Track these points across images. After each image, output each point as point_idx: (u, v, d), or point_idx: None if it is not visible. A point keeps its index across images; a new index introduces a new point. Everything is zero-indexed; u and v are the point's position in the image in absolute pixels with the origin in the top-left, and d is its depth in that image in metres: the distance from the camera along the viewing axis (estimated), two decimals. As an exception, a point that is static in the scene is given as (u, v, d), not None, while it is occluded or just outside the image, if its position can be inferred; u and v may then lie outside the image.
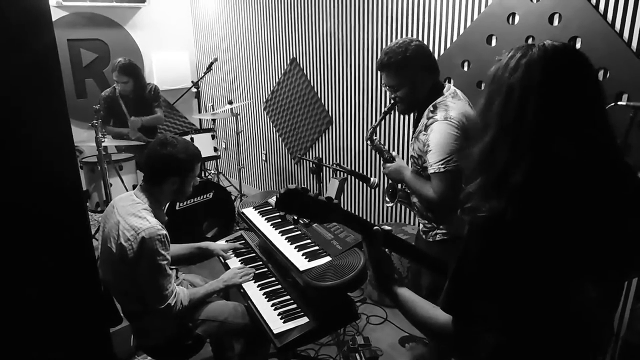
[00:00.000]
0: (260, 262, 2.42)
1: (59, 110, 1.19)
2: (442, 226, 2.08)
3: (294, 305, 2.04)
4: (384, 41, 3.51)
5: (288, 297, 2.11)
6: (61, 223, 1.28)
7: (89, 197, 3.90)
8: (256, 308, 2.06)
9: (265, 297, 2.12)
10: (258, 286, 2.21)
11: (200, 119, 5.53)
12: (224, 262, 2.49)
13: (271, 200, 2.60)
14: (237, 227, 4.29)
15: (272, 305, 2.05)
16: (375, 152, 3.75)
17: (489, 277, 0.96)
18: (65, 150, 1.26)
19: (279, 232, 2.27)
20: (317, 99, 4.32)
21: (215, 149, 4.57)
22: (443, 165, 1.86)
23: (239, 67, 5.44)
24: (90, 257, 1.39)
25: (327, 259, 1.97)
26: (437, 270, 1.30)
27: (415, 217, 2.63)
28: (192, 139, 4.26)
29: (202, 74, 5.07)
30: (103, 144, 3.51)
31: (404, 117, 3.47)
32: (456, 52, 3.01)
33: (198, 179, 2.26)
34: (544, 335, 1.01)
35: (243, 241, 2.66)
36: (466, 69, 2.99)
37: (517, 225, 0.91)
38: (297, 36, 4.38)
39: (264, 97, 5.09)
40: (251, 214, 2.55)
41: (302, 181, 4.80)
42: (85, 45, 5.38)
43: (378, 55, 3.57)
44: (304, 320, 1.93)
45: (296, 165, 4.87)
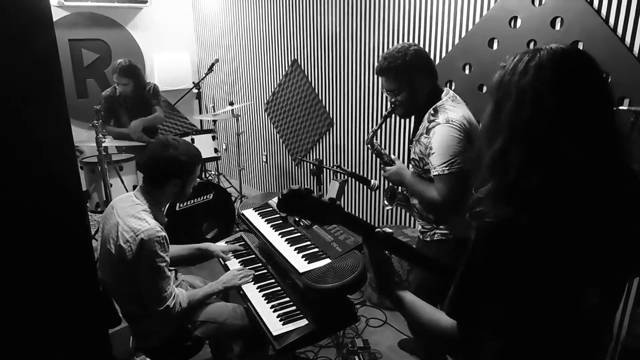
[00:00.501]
0: (260, 264, 2.42)
1: (59, 110, 1.19)
2: (442, 227, 2.09)
3: (293, 307, 2.03)
4: (385, 43, 3.51)
5: (287, 299, 2.10)
6: (61, 223, 1.28)
7: (89, 198, 3.90)
8: (255, 310, 2.05)
9: (265, 299, 2.12)
10: (257, 288, 2.21)
11: (201, 120, 5.53)
12: (223, 263, 2.48)
13: (271, 202, 2.60)
14: (237, 229, 4.28)
15: (271, 307, 2.05)
16: (375, 156, 3.76)
17: (495, 282, 0.96)
18: (65, 150, 1.26)
19: (279, 234, 2.27)
20: (318, 100, 4.32)
21: (216, 150, 4.57)
22: (447, 168, 1.88)
23: (240, 68, 5.44)
24: (89, 258, 1.39)
25: (327, 261, 1.97)
26: (438, 273, 1.29)
27: (414, 220, 2.64)
28: (192, 139, 4.26)
29: (204, 74, 5.07)
30: (103, 144, 3.51)
31: (403, 121, 3.47)
32: (458, 55, 3.01)
33: (198, 180, 2.26)
34: (549, 339, 1.01)
35: (243, 242, 2.65)
36: (467, 72, 2.99)
37: (526, 231, 0.91)
38: (298, 37, 4.38)
39: (265, 98, 5.09)
40: (251, 215, 2.54)
41: (303, 183, 4.79)
42: (86, 46, 5.38)
43: (379, 58, 3.58)
44: (303, 322, 1.93)
45: (296, 167, 4.87)
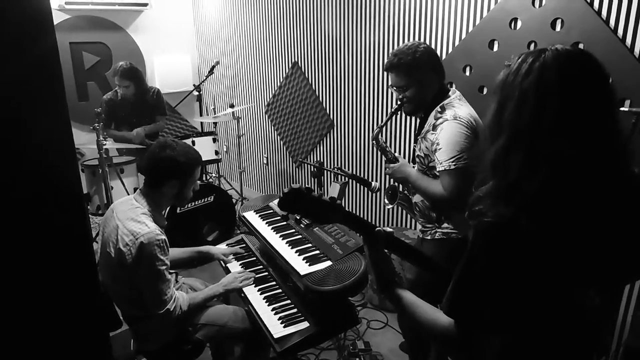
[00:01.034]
0: (261, 266, 2.41)
1: (60, 113, 1.19)
2: (445, 225, 2.10)
3: (295, 310, 2.03)
4: (386, 45, 3.51)
5: (288, 301, 2.10)
6: (61, 226, 1.27)
7: (90, 200, 3.90)
8: (256, 312, 2.05)
9: (266, 301, 2.11)
10: (258, 290, 2.20)
11: (201, 122, 5.54)
12: (224, 266, 2.48)
13: (272, 204, 2.60)
14: (238, 231, 4.28)
15: (272, 310, 2.04)
16: (379, 153, 3.76)
17: (493, 282, 0.96)
18: (66, 152, 1.26)
19: (280, 236, 2.26)
20: (319, 102, 4.32)
21: (217, 153, 4.57)
22: (454, 163, 1.90)
23: (240, 71, 5.45)
24: (90, 261, 1.39)
25: (328, 263, 1.97)
26: (438, 274, 1.29)
27: (415, 221, 2.63)
28: (193, 142, 4.26)
29: (204, 77, 5.08)
30: (104, 147, 3.51)
31: (407, 121, 3.47)
32: (458, 57, 3.01)
33: (199, 183, 2.26)
34: (547, 339, 1.00)
35: (244, 245, 2.65)
36: (468, 73, 2.99)
37: (525, 231, 0.91)
38: (299, 40, 4.39)
39: (266, 100, 5.10)
40: (252, 217, 2.54)
41: (303, 184, 4.79)
42: (87, 49, 5.39)
43: (380, 60, 3.60)
44: (305, 324, 1.92)
45: (297, 169, 4.87)
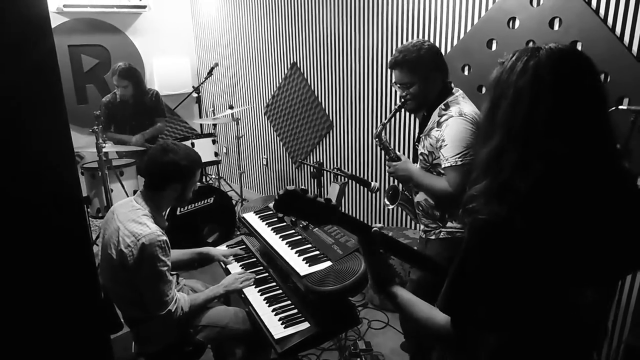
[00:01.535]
0: (261, 267, 2.42)
1: (58, 116, 1.19)
2: (449, 224, 2.10)
3: (295, 311, 2.03)
4: (385, 45, 3.51)
5: (289, 302, 2.10)
6: (61, 229, 1.27)
7: (89, 203, 3.90)
8: (257, 313, 2.05)
9: (266, 302, 2.11)
10: (259, 291, 2.21)
11: (201, 124, 5.54)
12: (224, 267, 2.48)
13: (272, 205, 2.60)
14: (238, 232, 4.28)
15: (272, 311, 2.04)
16: (378, 153, 3.77)
17: (488, 279, 0.96)
18: (65, 156, 1.26)
19: (280, 237, 2.27)
20: (318, 103, 4.33)
21: (216, 154, 4.57)
22: (460, 159, 1.91)
23: (239, 72, 5.45)
24: (90, 264, 1.39)
25: (328, 263, 1.97)
26: (435, 272, 1.29)
27: (414, 222, 2.64)
28: (192, 144, 4.26)
29: (203, 79, 5.08)
30: (104, 149, 3.51)
31: (408, 121, 3.47)
32: (457, 56, 3.01)
33: (198, 184, 2.26)
34: (543, 336, 1.01)
35: (244, 246, 2.65)
36: (467, 73, 2.99)
37: (519, 229, 0.91)
38: (297, 40, 4.39)
39: (265, 101, 5.10)
40: (252, 218, 2.54)
41: (303, 186, 4.79)
42: (86, 51, 5.39)
43: (379, 60, 3.60)
44: (305, 325, 1.93)
45: (297, 170, 4.87)
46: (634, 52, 2.27)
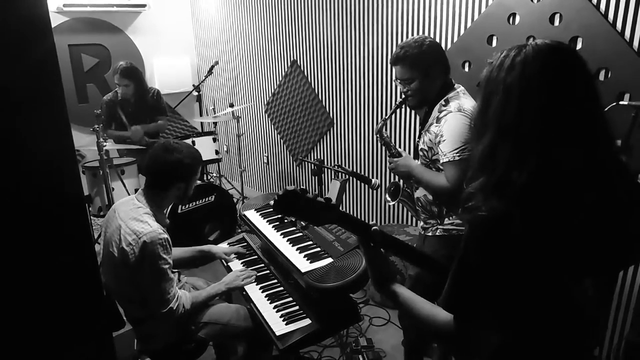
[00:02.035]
0: (262, 264, 2.42)
1: (59, 115, 1.20)
2: (446, 221, 2.11)
3: (296, 307, 2.04)
4: (385, 42, 3.51)
5: (290, 299, 2.11)
6: (63, 228, 1.28)
7: (91, 202, 3.90)
8: (258, 310, 2.06)
9: (268, 299, 2.12)
10: (260, 288, 2.21)
11: (201, 122, 5.55)
12: (226, 264, 2.49)
13: (272, 205, 2.60)
14: (239, 230, 4.29)
15: (274, 308, 2.05)
16: (379, 150, 3.77)
17: (489, 276, 0.96)
18: (67, 155, 1.26)
19: (281, 234, 2.27)
20: (318, 100, 4.33)
21: (217, 152, 4.58)
22: (458, 154, 1.91)
23: (239, 70, 5.45)
24: (92, 262, 1.40)
25: (329, 260, 1.98)
26: (435, 271, 1.30)
27: (415, 219, 2.65)
28: (193, 142, 4.26)
29: (203, 77, 5.08)
30: (105, 148, 3.52)
31: (409, 117, 3.47)
32: (457, 52, 3.01)
33: (198, 182, 2.27)
34: (545, 332, 1.01)
35: (245, 243, 2.66)
36: (467, 69, 2.99)
37: (518, 224, 0.91)
38: (297, 38, 4.39)
39: (265, 99, 5.10)
40: (253, 216, 2.55)
41: (304, 183, 4.80)
42: (86, 51, 5.39)
43: (379, 57, 3.60)
44: (307, 322, 1.93)
45: (298, 167, 4.87)
46: (635, 48, 2.26)
